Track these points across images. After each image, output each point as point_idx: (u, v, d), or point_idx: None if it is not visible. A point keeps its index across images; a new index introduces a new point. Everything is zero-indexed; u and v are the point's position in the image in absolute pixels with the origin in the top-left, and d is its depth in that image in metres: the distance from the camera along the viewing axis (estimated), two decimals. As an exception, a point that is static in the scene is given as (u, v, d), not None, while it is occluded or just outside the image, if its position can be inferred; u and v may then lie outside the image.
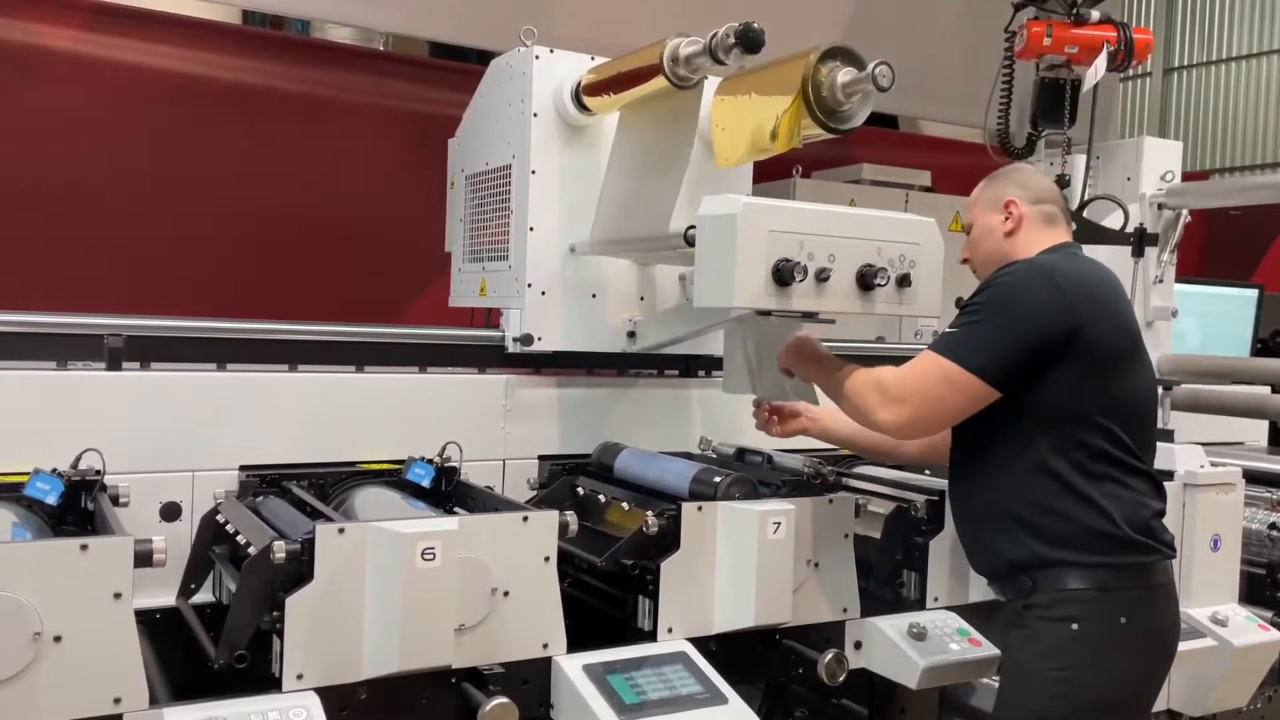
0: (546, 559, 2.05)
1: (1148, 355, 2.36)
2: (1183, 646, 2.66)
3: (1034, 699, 2.19)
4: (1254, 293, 6.18)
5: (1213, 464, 3.10)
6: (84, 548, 1.68)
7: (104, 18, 4.94)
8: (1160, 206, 3.79)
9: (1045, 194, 2.44)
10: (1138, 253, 3.72)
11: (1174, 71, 12.22)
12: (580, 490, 2.68)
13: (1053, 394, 2.20)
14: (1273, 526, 3.38)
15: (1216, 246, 8.07)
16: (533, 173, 2.76)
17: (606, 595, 2.42)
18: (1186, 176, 3.95)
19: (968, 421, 2.26)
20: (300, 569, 1.86)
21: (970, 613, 2.57)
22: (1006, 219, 2.41)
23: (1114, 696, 2.20)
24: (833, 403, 2.43)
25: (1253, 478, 3.33)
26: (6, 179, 4.63)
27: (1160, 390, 3.49)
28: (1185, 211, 3.81)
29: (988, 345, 2.18)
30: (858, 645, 2.44)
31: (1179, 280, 3.96)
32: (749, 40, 2.22)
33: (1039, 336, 2.17)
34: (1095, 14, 3.51)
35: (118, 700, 1.69)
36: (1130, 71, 3.91)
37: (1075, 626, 2.17)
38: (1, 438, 2.24)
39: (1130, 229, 3.67)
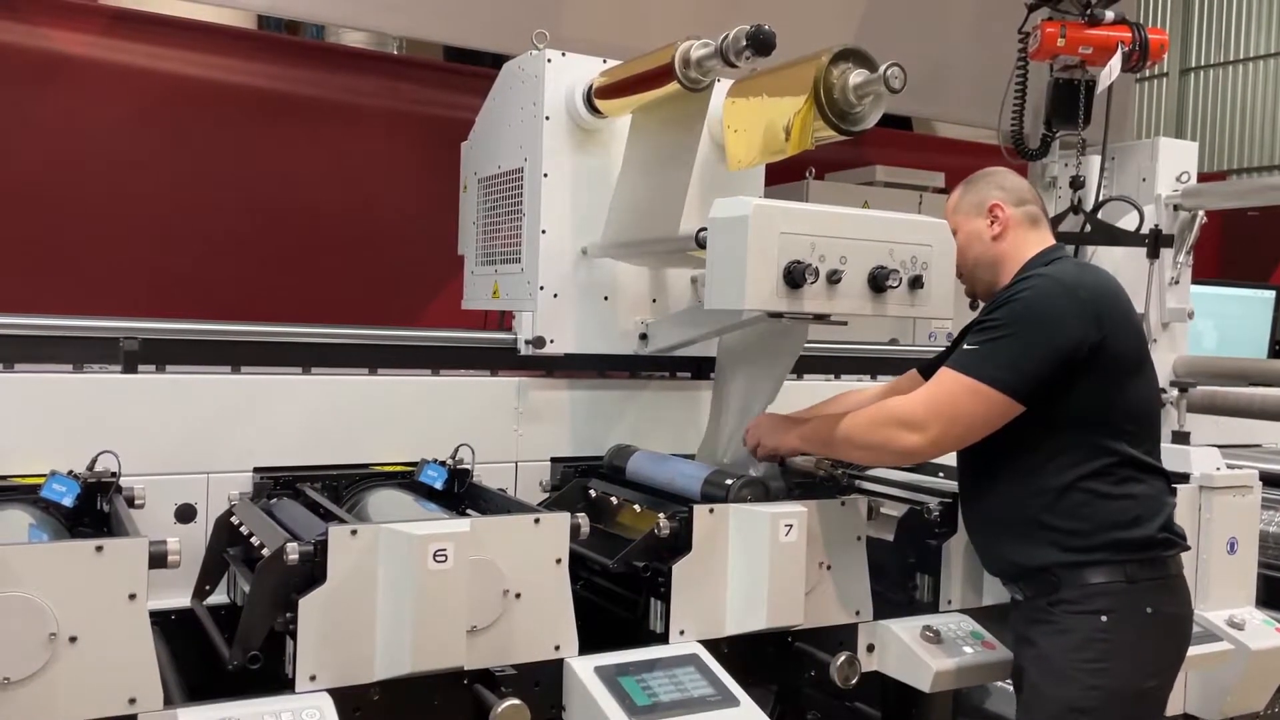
0: (558, 561, 2.05)
1: (1150, 355, 2.38)
2: (1199, 650, 2.64)
3: (1068, 691, 2.20)
4: (1271, 294, 6.15)
5: (1229, 466, 3.08)
6: (99, 549, 1.70)
7: (120, 23, 4.98)
8: (1176, 207, 3.78)
9: (1026, 195, 2.47)
10: (1153, 254, 3.71)
11: (1190, 72, 12.14)
12: (592, 492, 2.68)
13: (1076, 404, 2.22)
14: (1290, 529, 3.35)
15: (1233, 248, 8.01)
16: (545, 175, 2.76)
17: (618, 597, 2.41)
18: (1202, 177, 3.94)
19: None
20: (313, 570, 1.86)
21: (984, 616, 2.55)
22: (993, 223, 2.43)
23: (1144, 684, 2.24)
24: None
25: (1270, 480, 3.30)
26: (26, 183, 4.67)
27: (1176, 392, 3.48)
28: (1201, 212, 3.79)
29: (1012, 361, 2.18)
30: (870, 648, 2.43)
31: (1195, 282, 3.95)
32: (760, 42, 2.21)
33: (1064, 352, 2.18)
34: (1110, 14, 3.50)
35: (133, 700, 1.69)
36: (1145, 72, 3.89)
37: (1105, 619, 2.20)
38: (18, 440, 2.26)
39: (1146, 230, 3.66)
